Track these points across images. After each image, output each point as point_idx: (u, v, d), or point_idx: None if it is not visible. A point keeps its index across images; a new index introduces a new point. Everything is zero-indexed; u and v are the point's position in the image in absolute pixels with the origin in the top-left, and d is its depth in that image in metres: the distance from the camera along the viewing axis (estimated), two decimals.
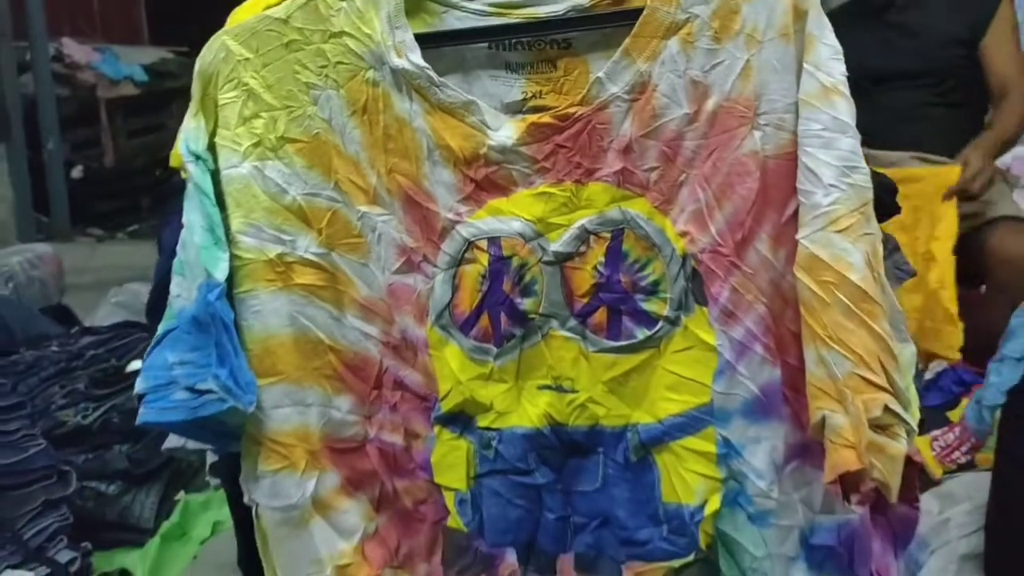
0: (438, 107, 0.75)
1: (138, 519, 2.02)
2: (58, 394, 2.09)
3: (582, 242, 0.76)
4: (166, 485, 2.13)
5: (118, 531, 2.01)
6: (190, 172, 0.75)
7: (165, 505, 2.10)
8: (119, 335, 2.39)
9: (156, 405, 0.75)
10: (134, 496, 2.05)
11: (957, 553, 1.48)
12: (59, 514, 1.81)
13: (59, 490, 1.83)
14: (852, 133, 0.70)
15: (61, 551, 1.78)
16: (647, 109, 0.74)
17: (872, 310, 0.69)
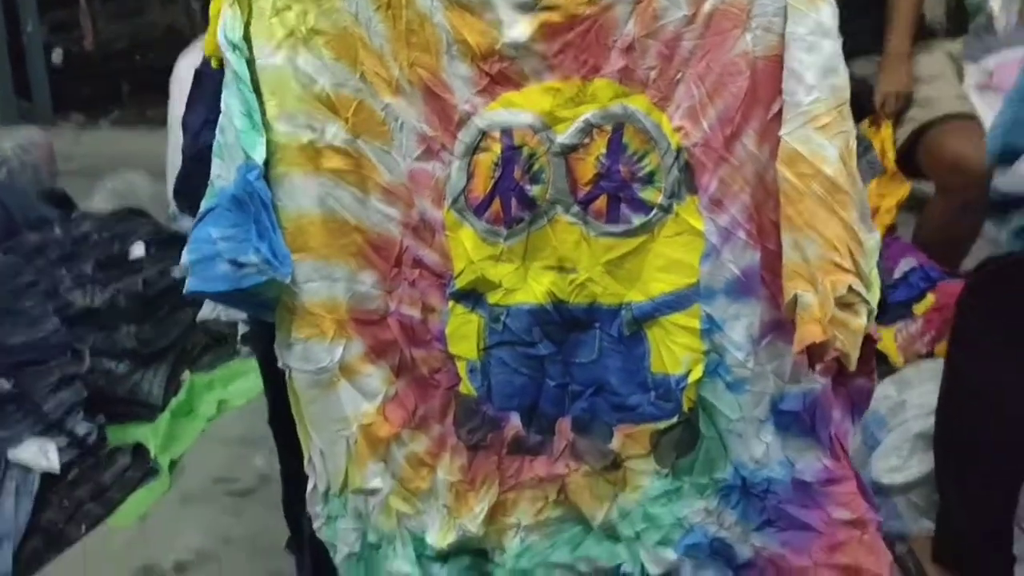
0: (456, 3, 0.81)
1: (147, 395, 2.14)
2: (66, 277, 2.16)
3: (586, 134, 0.84)
4: (172, 365, 2.24)
5: (129, 406, 2.12)
6: (228, 59, 0.81)
7: (172, 384, 2.21)
8: (119, 221, 2.45)
9: (202, 275, 0.84)
10: (142, 374, 2.15)
11: (911, 432, 1.61)
12: (74, 389, 1.92)
13: (73, 367, 1.93)
14: (834, 37, 0.77)
15: (78, 423, 1.89)
16: (649, 11, 0.80)
17: (843, 200, 0.78)
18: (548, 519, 0.95)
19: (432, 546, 0.95)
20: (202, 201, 0.85)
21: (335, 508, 0.95)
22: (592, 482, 0.93)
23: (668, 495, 0.91)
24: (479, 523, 0.94)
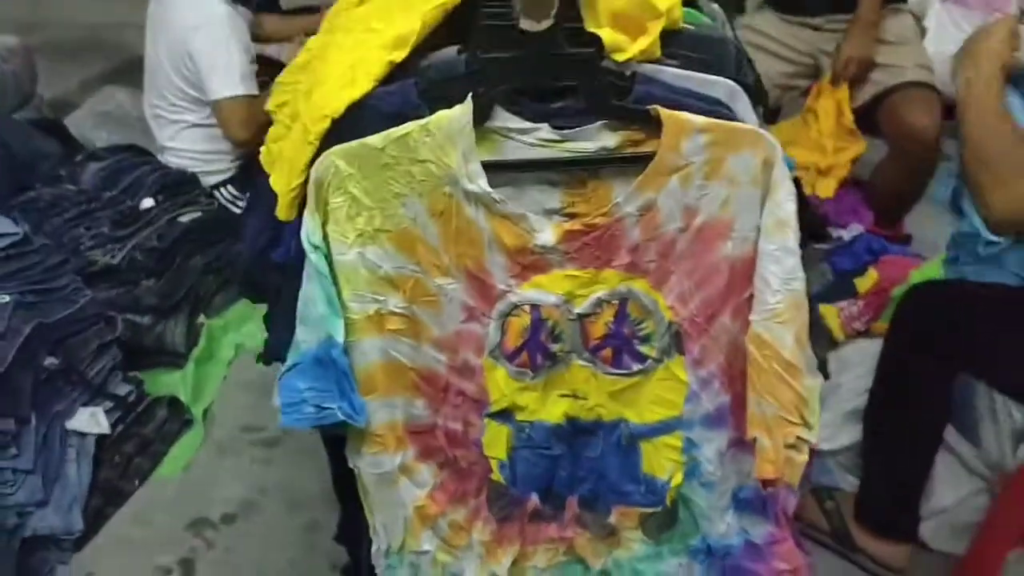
0: (497, 214, 0.99)
1: (172, 344, 2.36)
2: (84, 236, 2.32)
3: (598, 306, 1.05)
4: (189, 313, 2.45)
5: (155, 355, 2.35)
6: (310, 258, 1.00)
7: (192, 330, 2.43)
8: (124, 166, 2.57)
9: (292, 416, 1.06)
10: (164, 324, 2.37)
11: (844, 410, 1.91)
12: (112, 354, 2.13)
13: (108, 333, 2.14)
14: (796, 255, 0.99)
15: (119, 385, 2.13)
16: (652, 223, 1.00)
17: (795, 373, 1.02)
18: (558, 563, 1.24)
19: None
20: (288, 355, 1.06)
21: (394, 562, 1.22)
22: (593, 543, 1.21)
23: (651, 557, 1.20)
24: (505, 569, 1.22)
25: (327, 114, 1.02)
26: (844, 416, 1.92)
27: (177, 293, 2.40)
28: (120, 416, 2.09)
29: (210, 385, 2.33)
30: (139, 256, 2.35)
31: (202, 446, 2.16)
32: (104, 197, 2.42)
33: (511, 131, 0.98)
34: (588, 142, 0.98)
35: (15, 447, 1.83)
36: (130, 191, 2.47)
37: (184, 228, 2.49)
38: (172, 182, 2.58)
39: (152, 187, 2.50)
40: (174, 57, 2.44)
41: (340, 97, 1.03)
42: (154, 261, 2.37)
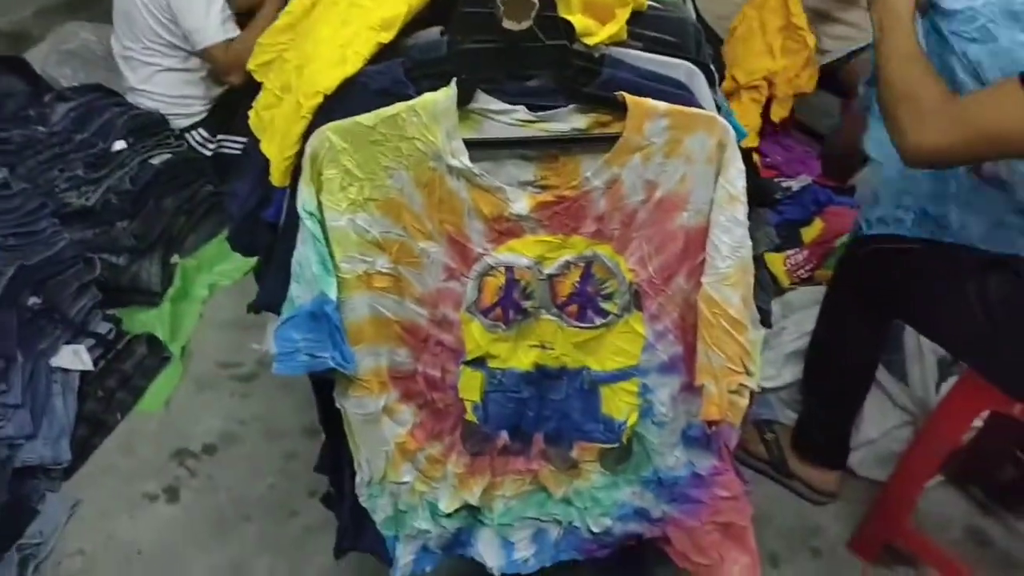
0: (476, 185, 1.10)
1: (147, 283, 2.44)
2: (59, 178, 2.37)
3: (566, 268, 1.17)
4: (163, 252, 2.52)
5: (132, 294, 2.43)
6: (305, 223, 1.10)
7: (166, 270, 2.50)
8: (94, 107, 2.60)
9: (287, 363, 1.16)
10: (140, 264, 2.44)
11: (785, 351, 2.08)
12: (91, 294, 2.21)
13: (87, 274, 2.22)
14: (744, 225, 1.11)
15: (99, 323, 2.21)
16: (616, 195, 1.11)
17: (740, 329, 1.15)
18: (524, 491, 1.38)
19: (443, 510, 1.37)
20: (283, 309, 1.16)
21: (376, 491, 1.35)
22: (556, 475, 1.35)
23: (608, 486, 1.35)
24: (476, 496, 1.36)
25: (319, 90, 1.11)
26: (786, 356, 2.08)
27: (151, 234, 2.47)
28: (101, 353, 2.18)
29: (186, 323, 2.42)
30: (113, 198, 2.41)
31: (181, 381, 2.26)
32: (76, 139, 2.46)
33: (491, 112, 1.08)
34: (561, 123, 1.09)
35: (3, 383, 1.92)
36: (101, 133, 2.50)
37: (156, 170, 2.54)
38: (142, 124, 2.61)
39: (123, 129, 2.53)
40: (152, 2, 2.45)
41: (331, 75, 1.11)
42: (128, 203, 2.42)
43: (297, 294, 1.15)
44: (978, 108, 1.30)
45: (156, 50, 2.56)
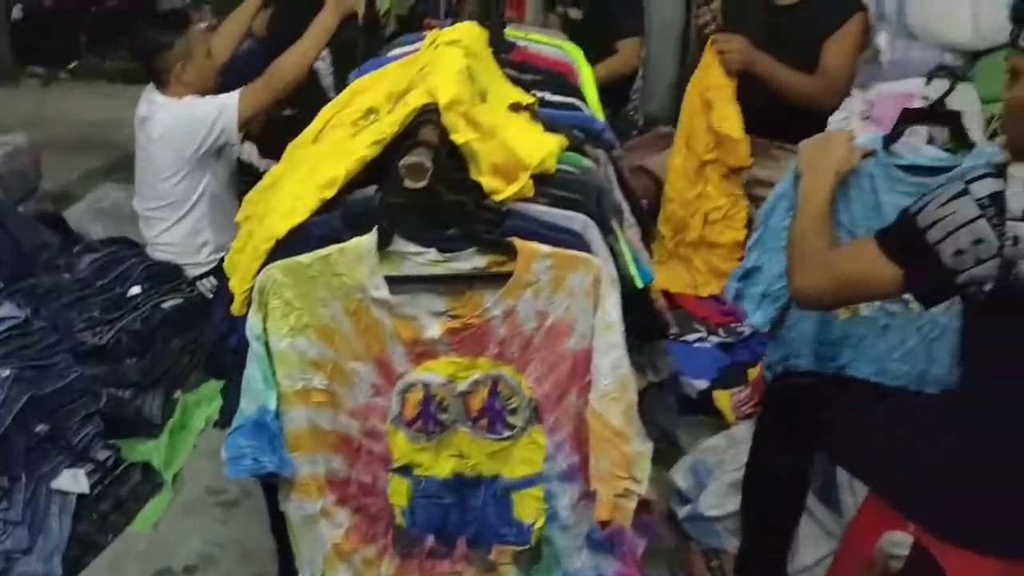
0: (396, 315, 1.32)
1: (149, 416, 2.64)
2: (77, 319, 2.63)
3: (476, 386, 1.37)
4: (167, 388, 2.74)
5: (134, 426, 2.63)
6: (252, 345, 1.32)
7: (168, 404, 2.72)
8: (116, 258, 2.90)
9: (235, 467, 1.36)
10: (143, 399, 2.66)
11: (728, 481, 2.21)
12: (95, 423, 2.42)
13: (93, 405, 2.43)
14: (621, 348, 1.31)
15: (99, 450, 2.41)
16: (514, 323, 1.33)
17: (624, 440, 1.33)
18: None
19: None
20: (234, 419, 1.37)
21: None
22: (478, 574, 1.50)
23: None
24: None
25: (272, 236, 1.36)
26: (730, 486, 2.21)
27: (156, 371, 2.70)
28: (99, 478, 2.36)
29: (181, 452, 2.61)
30: (124, 338, 2.66)
31: (170, 506, 2.43)
32: (96, 285, 2.74)
33: (407, 253, 1.32)
34: (465, 263, 1.32)
35: (6, 501, 2.11)
36: (119, 279, 2.79)
37: (166, 314, 2.80)
38: (158, 272, 2.90)
39: (140, 276, 2.82)
40: (164, 149, 2.75)
41: (283, 224, 1.37)
42: (137, 343, 2.67)
43: (245, 406, 1.36)
44: (843, 259, 1.52)
45: (169, 205, 2.87)
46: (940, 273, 1.33)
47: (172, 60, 2.75)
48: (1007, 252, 1.25)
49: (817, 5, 2.79)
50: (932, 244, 1.32)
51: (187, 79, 2.77)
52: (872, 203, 1.93)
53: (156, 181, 2.85)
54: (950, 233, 1.30)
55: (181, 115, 2.74)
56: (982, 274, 1.29)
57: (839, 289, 1.49)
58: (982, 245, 1.27)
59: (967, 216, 1.28)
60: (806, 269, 1.55)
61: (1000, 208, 1.26)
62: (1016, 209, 1.25)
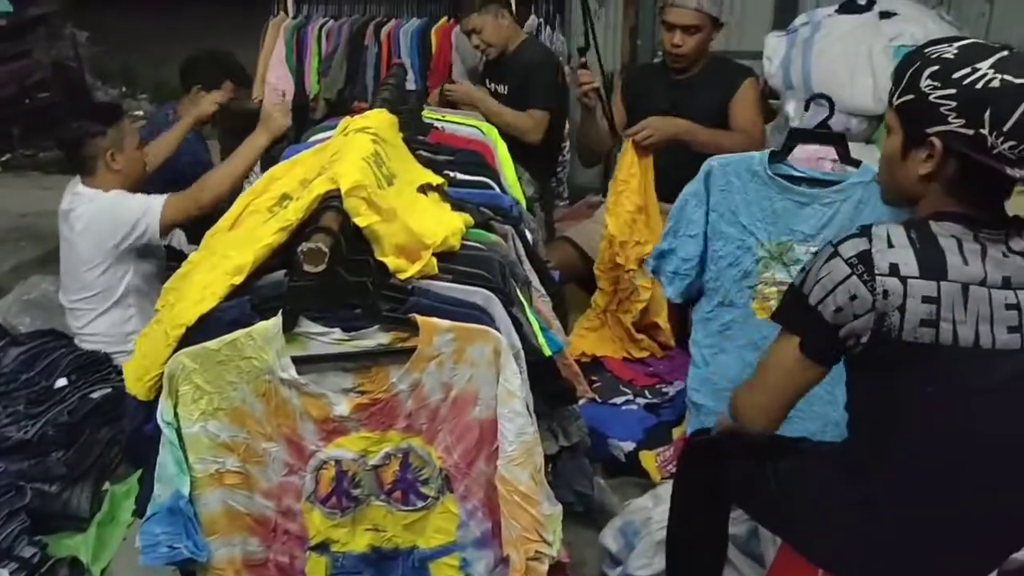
0: (304, 393, 1.36)
1: (76, 510, 2.60)
2: (1, 414, 2.60)
3: (387, 459, 1.41)
4: (95, 480, 2.71)
5: (61, 520, 2.58)
6: (164, 431, 1.35)
7: (96, 496, 2.68)
8: (43, 350, 2.88)
9: (150, 555, 1.37)
10: (71, 492, 2.61)
11: (655, 540, 2.25)
12: (20, 520, 2.38)
13: (18, 501, 2.40)
14: (524, 415, 1.36)
15: (24, 548, 2.36)
16: (420, 395, 1.38)
17: (532, 502, 1.38)
18: None
19: None
20: (148, 507, 1.38)
21: None
22: None
23: None
24: None
25: (183, 323, 1.40)
26: (657, 544, 2.25)
27: (84, 463, 2.67)
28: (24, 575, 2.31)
29: (110, 546, 2.56)
30: (50, 431, 2.63)
31: None
32: (22, 378, 2.71)
33: (312, 334, 1.37)
34: (369, 340, 1.37)
35: None
36: (45, 372, 2.77)
37: (95, 403, 2.77)
38: (86, 362, 2.88)
39: (67, 368, 2.80)
40: (87, 242, 2.75)
41: (192, 311, 1.41)
42: (64, 435, 2.64)
43: (158, 493, 1.38)
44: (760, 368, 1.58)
45: (94, 296, 2.87)
46: (826, 331, 1.41)
47: (102, 148, 2.76)
48: (879, 305, 1.34)
49: (711, 76, 2.97)
50: (815, 305, 1.40)
51: (116, 167, 2.78)
52: (768, 208, 2.23)
53: (80, 272, 2.85)
54: (828, 292, 1.38)
55: (105, 207, 2.75)
56: (860, 327, 1.36)
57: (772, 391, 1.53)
58: (857, 300, 1.35)
59: (840, 275, 1.36)
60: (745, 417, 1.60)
61: (868, 265, 1.35)
62: (883, 265, 1.34)
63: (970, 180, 1.34)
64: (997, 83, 1.29)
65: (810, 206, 2.20)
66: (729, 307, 2.37)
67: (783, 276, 2.30)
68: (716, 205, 2.31)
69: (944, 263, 1.32)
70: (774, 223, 2.25)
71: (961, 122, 1.32)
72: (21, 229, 5.12)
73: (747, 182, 2.26)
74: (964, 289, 1.31)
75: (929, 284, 1.31)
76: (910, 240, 1.34)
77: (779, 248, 2.29)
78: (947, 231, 1.34)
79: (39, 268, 4.43)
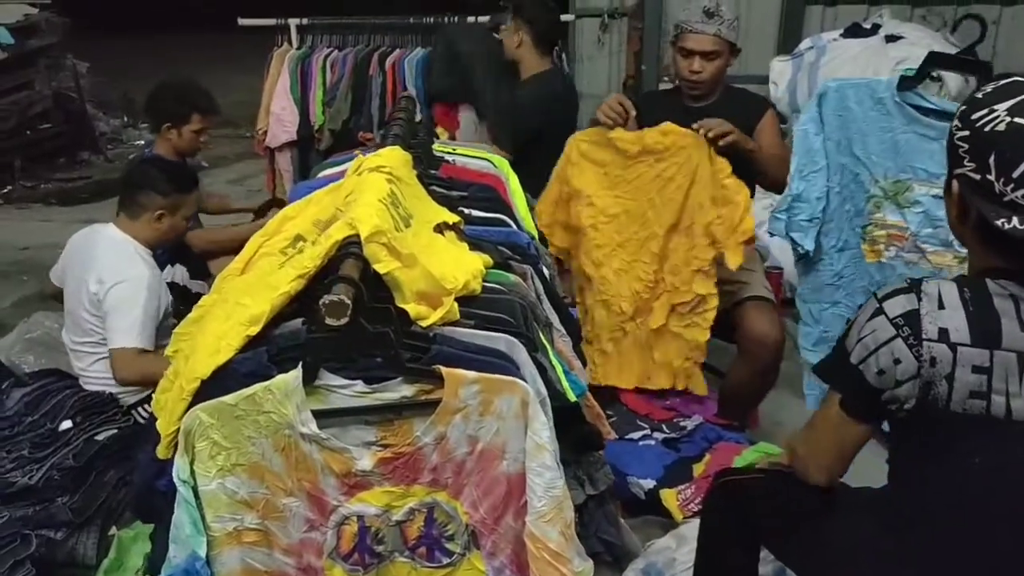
0: (326, 447, 1.31)
1: (83, 557, 2.54)
2: (6, 459, 2.55)
3: (411, 514, 1.36)
4: (102, 525, 2.65)
5: (67, 568, 2.52)
6: (180, 490, 1.29)
7: (103, 542, 2.62)
8: (47, 391, 2.83)
9: None
10: (77, 538, 2.56)
11: None
12: (25, 569, 2.32)
13: (23, 550, 2.34)
14: (553, 469, 1.31)
15: None
16: (445, 449, 1.33)
17: (562, 561, 1.32)
18: None
19: None
20: (163, 568, 1.33)
21: None
22: None
23: None
24: None
25: (198, 376, 1.35)
26: None
27: (90, 508, 2.60)
28: None
29: None
30: (56, 475, 2.57)
31: None
32: (26, 422, 2.66)
33: (334, 387, 1.32)
34: (392, 392, 1.32)
35: None
36: (50, 414, 2.71)
37: (100, 445, 2.71)
38: (91, 403, 2.82)
39: (72, 409, 2.75)
40: (92, 301, 2.74)
41: (208, 363, 1.36)
42: (69, 479, 2.58)
43: (173, 554, 1.32)
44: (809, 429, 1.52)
45: (98, 342, 2.82)
46: (867, 392, 1.33)
47: (157, 204, 2.73)
48: (925, 373, 1.24)
49: (729, 104, 2.88)
50: (856, 365, 1.32)
51: (157, 226, 2.76)
52: (888, 140, 2.03)
53: (81, 315, 2.80)
54: (871, 353, 1.29)
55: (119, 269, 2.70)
56: (904, 394, 1.28)
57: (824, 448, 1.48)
58: (901, 365, 1.26)
59: (885, 336, 1.27)
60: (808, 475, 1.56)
61: (916, 328, 1.25)
62: (931, 330, 1.24)
63: (990, 229, 1.22)
64: (1004, 126, 1.21)
65: (938, 141, 1.98)
66: (842, 251, 2.19)
67: (895, 218, 2.09)
68: (830, 132, 2.12)
69: (999, 329, 1.22)
70: (893, 157, 2.05)
71: (972, 166, 1.25)
72: (22, 263, 5.09)
73: (868, 109, 2.06)
74: (1020, 359, 1.21)
75: (981, 353, 1.22)
76: (963, 300, 1.24)
77: (895, 187, 2.08)
78: (1004, 290, 1.24)
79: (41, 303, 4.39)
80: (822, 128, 2.13)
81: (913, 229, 2.11)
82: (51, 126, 7.08)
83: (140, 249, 2.75)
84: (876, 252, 2.14)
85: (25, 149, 6.80)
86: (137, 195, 2.75)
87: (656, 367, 2.78)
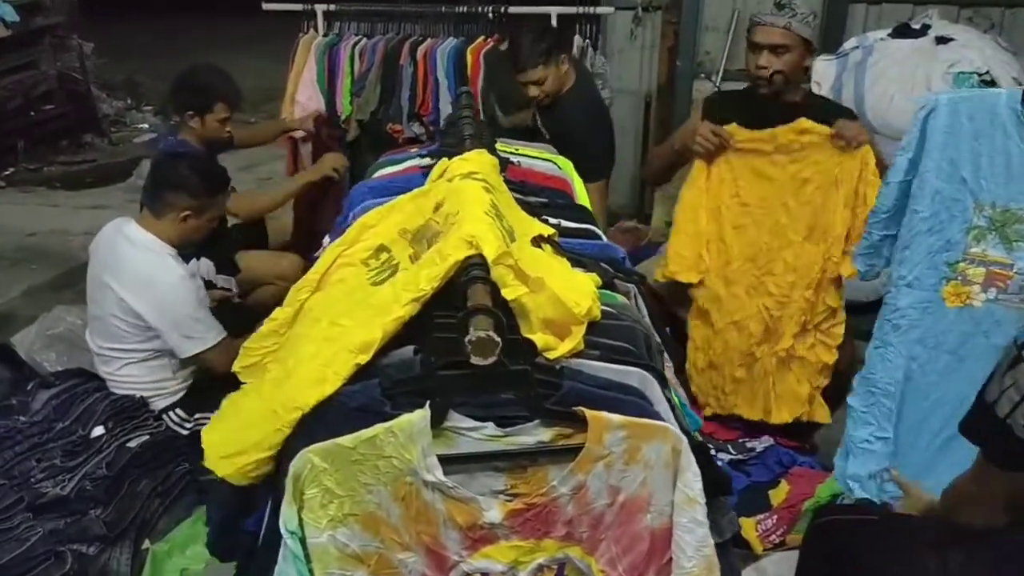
0: (451, 497, 1.17)
1: (116, 573, 2.39)
2: (36, 468, 2.39)
3: (539, 571, 1.21)
4: (135, 539, 2.49)
5: None
6: (287, 541, 1.15)
7: (137, 557, 2.47)
8: (75, 394, 2.67)
9: None
10: (110, 553, 2.40)
11: None
12: None
13: (57, 569, 2.19)
14: (705, 525, 1.17)
15: None
16: (583, 500, 1.18)
17: None
18: None
19: None
20: None
21: None
22: None
23: None
24: None
25: (298, 406, 1.20)
26: None
27: (124, 521, 2.45)
28: None
29: None
30: (88, 485, 2.41)
31: None
32: (56, 428, 2.50)
33: (462, 429, 1.17)
34: (527, 436, 1.18)
35: None
36: (81, 420, 2.55)
37: (133, 453, 2.56)
38: (122, 408, 2.67)
39: (103, 415, 2.59)
40: (125, 309, 2.58)
41: (311, 393, 1.21)
42: (102, 490, 2.43)
43: None
44: None
45: (127, 348, 2.66)
46: (1017, 446, 1.22)
47: (185, 205, 2.59)
48: None
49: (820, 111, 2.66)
50: (1003, 418, 1.21)
51: (183, 226, 2.61)
52: (1003, 163, 1.79)
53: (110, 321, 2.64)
54: (1017, 404, 1.18)
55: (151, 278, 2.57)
56: None
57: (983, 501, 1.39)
58: None
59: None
60: None
61: None
62: None
63: None
64: None
65: None
66: (910, 288, 1.93)
67: (999, 254, 1.84)
68: (931, 151, 1.84)
69: None
70: (1007, 182, 1.80)
71: None
72: (30, 249, 4.90)
73: (984, 125, 1.81)
74: None
75: None
76: None
77: (1004, 216, 1.84)
78: None
79: (52, 292, 4.23)
80: (916, 148, 1.85)
81: (1020, 267, 1.84)
82: (55, 107, 6.87)
83: (165, 248, 2.60)
84: (962, 296, 1.89)
85: (28, 130, 6.58)
86: (166, 193, 2.60)
87: (777, 399, 2.59)
